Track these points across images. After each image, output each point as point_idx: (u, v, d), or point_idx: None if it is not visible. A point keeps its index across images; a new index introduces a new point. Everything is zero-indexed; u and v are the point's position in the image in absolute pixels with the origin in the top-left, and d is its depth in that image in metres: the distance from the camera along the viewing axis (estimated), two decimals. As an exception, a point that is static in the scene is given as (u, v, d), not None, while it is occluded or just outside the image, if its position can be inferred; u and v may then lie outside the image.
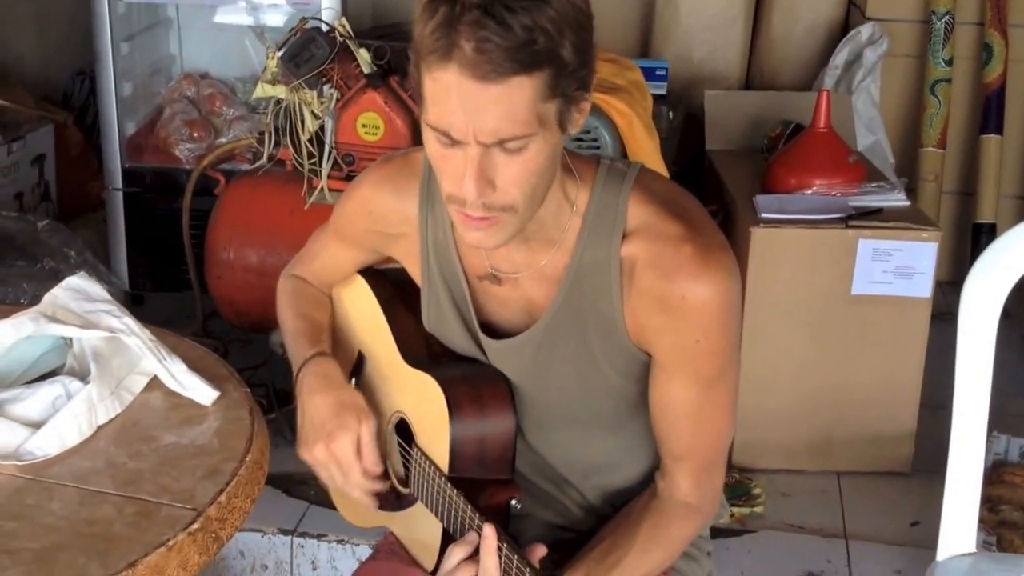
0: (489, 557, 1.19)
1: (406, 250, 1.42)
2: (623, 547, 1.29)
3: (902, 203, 2.48)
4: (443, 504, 1.31)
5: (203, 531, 1.23)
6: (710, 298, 1.22)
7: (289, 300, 1.54)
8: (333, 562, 2.21)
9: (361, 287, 1.52)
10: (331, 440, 1.35)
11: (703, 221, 1.27)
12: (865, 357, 2.43)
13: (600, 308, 1.28)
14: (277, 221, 2.58)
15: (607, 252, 1.26)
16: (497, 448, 1.33)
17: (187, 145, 3.07)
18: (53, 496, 1.27)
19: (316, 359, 1.43)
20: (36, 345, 1.48)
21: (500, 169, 1.15)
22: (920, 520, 2.34)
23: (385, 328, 1.47)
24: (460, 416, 1.31)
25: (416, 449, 1.38)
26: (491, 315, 1.38)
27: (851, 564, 2.19)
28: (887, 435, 2.48)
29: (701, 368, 1.26)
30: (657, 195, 1.27)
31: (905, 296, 2.38)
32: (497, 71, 1.09)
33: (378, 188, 1.41)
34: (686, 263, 1.22)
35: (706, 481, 1.33)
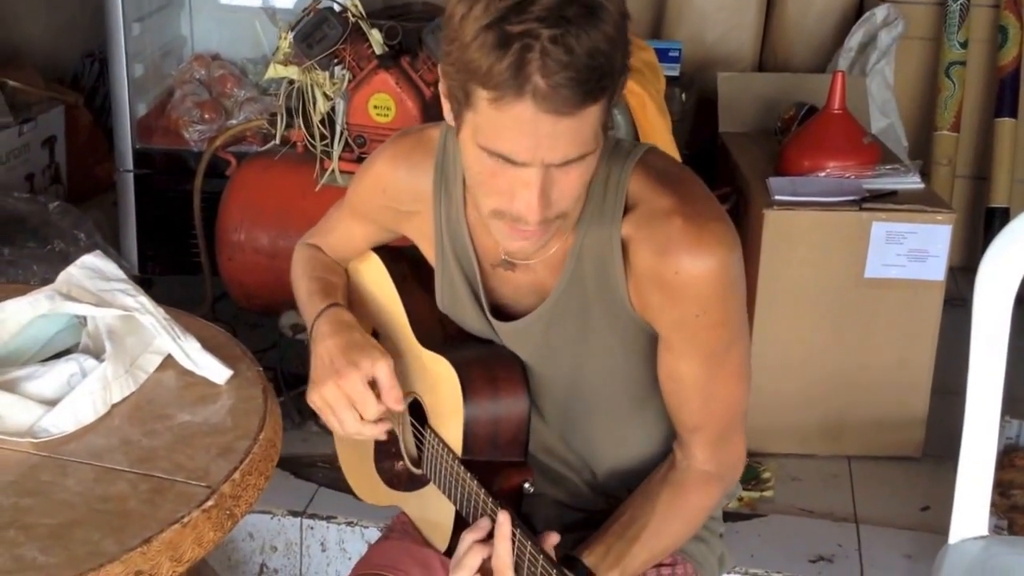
0: (503, 543, 1.19)
1: (419, 228, 1.42)
2: (642, 519, 1.29)
3: (916, 186, 2.47)
4: (456, 486, 1.31)
5: (217, 508, 1.23)
6: (704, 271, 1.21)
7: (303, 266, 1.54)
8: (342, 544, 2.21)
9: (376, 265, 1.52)
10: (340, 377, 1.31)
11: (696, 193, 1.25)
12: (877, 341, 2.42)
13: (605, 286, 1.28)
14: (288, 203, 2.57)
15: (609, 230, 1.25)
16: (511, 430, 1.33)
17: (198, 127, 3.06)
18: (68, 473, 1.27)
19: (330, 309, 1.41)
20: (51, 323, 1.49)
21: (557, 184, 1.15)
22: (931, 505, 2.33)
23: (399, 308, 1.47)
24: (474, 398, 1.31)
25: (429, 430, 1.37)
26: (503, 297, 1.37)
27: (861, 548, 2.18)
28: (898, 420, 2.47)
29: (705, 342, 1.25)
30: (656, 170, 1.26)
31: (918, 279, 2.36)
32: (572, 105, 1.09)
33: (393, 164, 1.40)
34: (677, 236, 1.21)
35: (723, 449, 1.33)
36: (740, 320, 1.28)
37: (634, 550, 1.26)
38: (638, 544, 1.27)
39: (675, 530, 1.32)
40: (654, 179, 1.25)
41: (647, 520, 1.29)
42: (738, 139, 2.94)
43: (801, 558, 2.12)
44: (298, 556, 2.24)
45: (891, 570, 2.12)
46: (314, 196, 2.53)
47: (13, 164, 3.25)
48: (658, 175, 1.26)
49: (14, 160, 3.25)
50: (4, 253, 2.86)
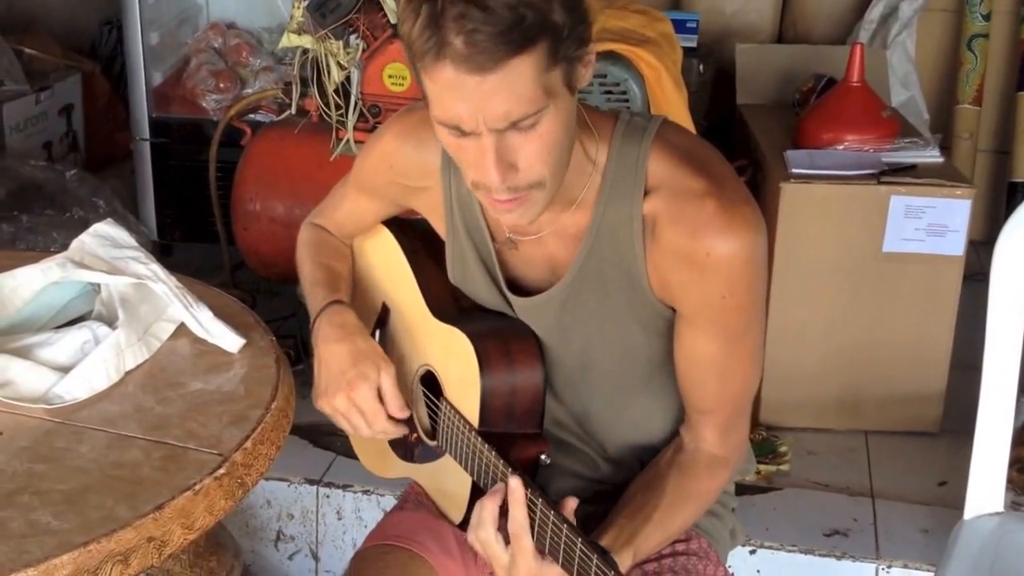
0: (518, 509, 1.19)
1: (429, 203, 1.41)
2: (652, 503, 1.29)
3: (936, 159, 2.44)
4: (473, 458, 1.30)
5: (229, 476, 1.23)
6: (735, 253, 1.21)
7: (308, 250, 1.54)
8: (358, 512, 2.22)
9: (386, 238, 1.51)
10: (352, 389, 1.34)
11: (726, 175, 1.25)
12: (895, 316, 2.40)
13: (623, 264, 1.27)
14: (304, 172, 2.56)
15: (629, 209, 1.25)
16: (526, 402, 1.33)
17: (213, 96, 3.06)
18: (82, 439, 1.28)
19: (332, 307, 1.42)
20: (64, 291, 1.49)
21: (519, 150, 1.14)
22: (948, 480, 2.32)
23: (411, 280, 1.46)
24: (490, 370, 1.31)
25: (445, 402, 1.37)
26: (516, 272, 1.37)
27: (877, 522, 2.17)
28: (916, 395, 2.45)
29: (727, 323, 1.25)
30: (678, 149, 1.25)
31: (937, 254, 2.34)
32: (492, 59, 1.07)
33: (400, 140, 1.39)
34: (710, 219, 1.20)
35: (732, 432, 1.33)
36: (761, 304, 1.28)
37: (647, 530, 1.27)
38: (651, 524, 1.27)
39: (687, 511, 1.32)
40: (678, 158, 1.24)
41: (658, 502, 1.29)
42: (756, 111, 2.91)
43: (816, 532, 2.11)
44: (314, 524, 2.24)
45: (907, 544, 2.11)
46: (329, 166, 2.52)
47: (30, 132, 3.25)
48: (681, 153, 1.25)
49: (31, 128, 3.26)
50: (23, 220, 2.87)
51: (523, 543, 1.19)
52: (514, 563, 1.20)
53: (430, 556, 1.36)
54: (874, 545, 2.10)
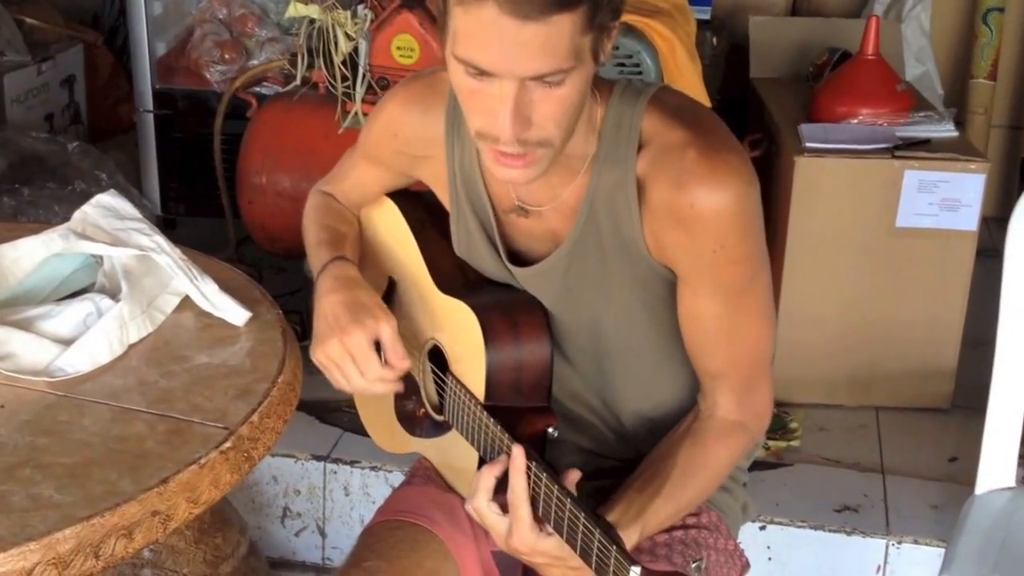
0: (518, 478, 1.17)
1: (433, 173, 1.39)
2: (664, 472, 1.25)
3: (950, 134, 2.41)
4: (479, 432, 1.28)
5: (235, 450, 1.21)
6: (721, 203, 1.17)
7: (314, 214, 1.51)
8: (366, 488, 2.20)
9: (391, 210, 1.49)
10: (344, 335, 1.29)
11: (710, 125, 1.22)
12: (908, 291, 2.38)
13: (620, 229, 1.24)
14: (310, 145, 2.53)
15: (623, 171, 1.22)
16: (533, 375, 1.30)
17: (218, 67, 3.02)
18: (85, 413, 1.26)
19: (335, 263, 1.39)
20: (66, 263, 1.46)
21: (537, 105, 1.12)
22: (959, 456, 2.30)
23: (416, 253, 1.44)
24: (496, 343, 1.28)
25: (451, 377, 1.35)
26: (518, 243, 1.35)
27: (887, 498, 2.16)
28: (928, 371, 2.44)
29: (724, 279, 1.22)
30: (670, 106, 1.22)
31: (951, 229, 2.32)
32: (539, 9, 1.05)
33: (404, 108, 1.37)
34: (691, 168, 1.17)
35: (749, 396, 1.29)
36: (760, 256, 1.24)
37: (656, 504, 1.23)
38: (660, 498, 1.23)
39: (698, 482, 1.28)
40: (667, 115, 1.22)
41: (669, 473, 1.25)
42: (770, 85, 2.88)
43: (826, 508, 2.10)
44: (321, 500, 2.23)
45: (917, 520, 2.09)
46: (337, 139, 2.49)
47: (32, 104, 3.22)
48: (671, 111, 1.22)
49: (33, 99, 3.23)
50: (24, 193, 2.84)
51: (520, 513, 1.17)
52: (511, 533, 1.18)
53: (440, 531, 1.35)
54: (884, 521, 2.09)
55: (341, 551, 2.26)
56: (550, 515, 1.15)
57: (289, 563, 2.28)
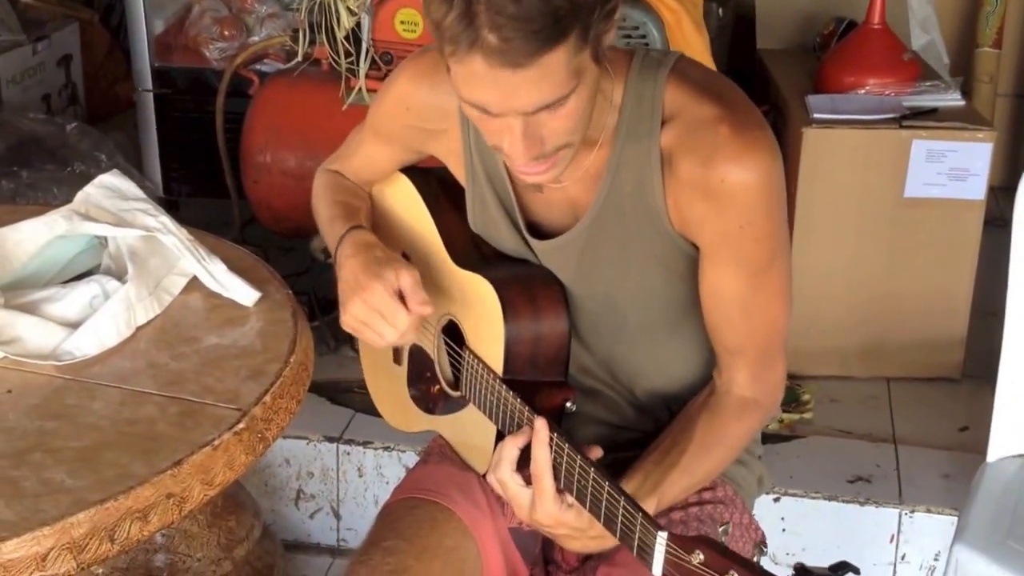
0: (541, 449, 1.17)
1: (447, 147, 1.37)
2: (681, 445, 1.26)
3: (957, 103, 2.39)
4: (498, 406, 1.27)
5: (249, 431, 1.20)
6: (751, 180, 1.17)
7: (324, 192, 1.50)
8: (379, 469, 2.19)
9: (404, 186, 1.47)
10: (365, 292, 1.27)
11: (739, 101, 1.22)
12: (917, 261, 2.37)
13: (642, 201, 1.24)
14: (315, 123, 2.51)
15: (646, 144, 1.21)
16: (551, 349, 1.29)
17: (218, 44, 2.98)
18: (94, 396, 1.25)
19: (351, 232, 1.37)
20: (71, 245, 1.45)
21: (545, 124, 1.13)
22: (969, 425, 2.29)
23: (432, 228, 1.42)
24: (514, 317, 1.27)
25: (468, 351, 1.33)
26: (536, 215, 1.33)
27: (900, 468, 2.15)
28: (937, 341, 2.42)
29: (748, 255, 1.21)
30: (693, 80, 1.22)
31: (959, 199, 2.30)
32: (525, 55, 1.05)
33: (416, 82, 1.35)
34: (723, 145, 1.17)
35: (765, 373, 1.29)
36: (783, 234, 1.24)
37: (672, 476, 1.24)
38: (676, 470, 1.24)
39: (714, 456, 1.29)
40: (693, 88, 1.21)
41: (685, 446, 1.26)
42: (776, 56, 2.85)
43: (840, 478, 2.09)
44: (335, 481, 2.21)
45: (929, 490, 2.09)
46: (341, 116, 2.47)
47: (28, 84, 3.19)
48: (696, 84, 1.22)
49: (29, 80, 3.19)
50: (23, 176, 2.81)
51: (544, 484, 1.17)
52: (534, 505, 1.18)
53: (457, 508, 1.34)
54: (897, 491, 2.08)
55: (356, 532, 2.25)
56: (572, 485, 1.15)
57: (304, 545, 2.27)
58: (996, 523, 1.57)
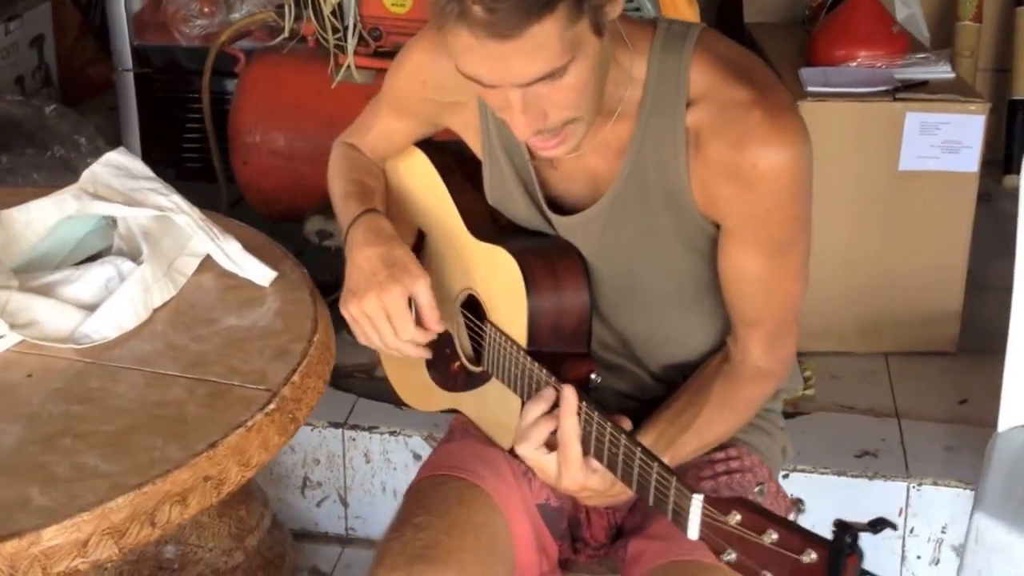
0: (569, 418, 1.16)
1: (464, 120, 1.35)
2: (695, 409, 1.28)
3: (947, 75, 2.39)
4: (522, 378, 1.26)
5: (280, 412, 1.19)
6: (782, 164, 1.16)
7: (339, 167, 1.47)
8: (386, 454, 2.16)
9: (420, 160, 1.44)
10: (383, 291, 1.27)
11: (770, 82, 1.21)
12: (911, 235, 2.36)
13: (666, 179, 1.23)
14: (304, 101, 2.47)
15: (672, 121, 1.20)
16: (573, 321, 1.29)
17: (198, 22, 2.91)
18: (118, 379, 1.22)
19: (366, 215, 1.36)
20: (79, 225, 1.41)
21: (546, 99, 1.12)
22: (968, 398, 2.31)
23: (449, 202, 1.40)
24: (536, 288, 1.26)
25: (489, 325, 1.32)
26: (555, 188, 1.32)
27: (904, 442, 2.16)
28: (933, 314, 2.42)
29: (773, 236, 1.21)
30: (721, 57, 1.20)
31: (952, 171, 2.30)
32: (513, 27, 1.04)
33: (433, 54, 1.33)
34: (756, 129, 1.16)
35: (778, 345, 1.30)
36: (808, 215, 1.24)
37: (685, 437, 1.26)
38: (689, 432, 1.26)
39: (726, 421, 1.31)
40: (722, 66, 1.20)
41: (699, 410, 1.28)
42: (765, 29, 2.84)
43: (847, 453, 2.10)
44: (341, 468, 2.18)
45: (935, 462, 2.10)
46: (331, 93, 2.44)
47: (1, 65, 3.11)
48: (725, 62, 1.20)
49: (1, 61, 3.11)
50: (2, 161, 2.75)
51: (571, 452, 1.16)
52: (560, 472, 1.18)
53: (485, 483, 1.33)
54: (903, 464, 2.09)
55: (364, 520, 2.22)
56: (603, 453, 1.15)
57: (312, 534, 2.23)
58: (1011, 491, 1.59)
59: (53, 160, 2.79)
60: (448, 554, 1.23)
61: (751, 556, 0.98)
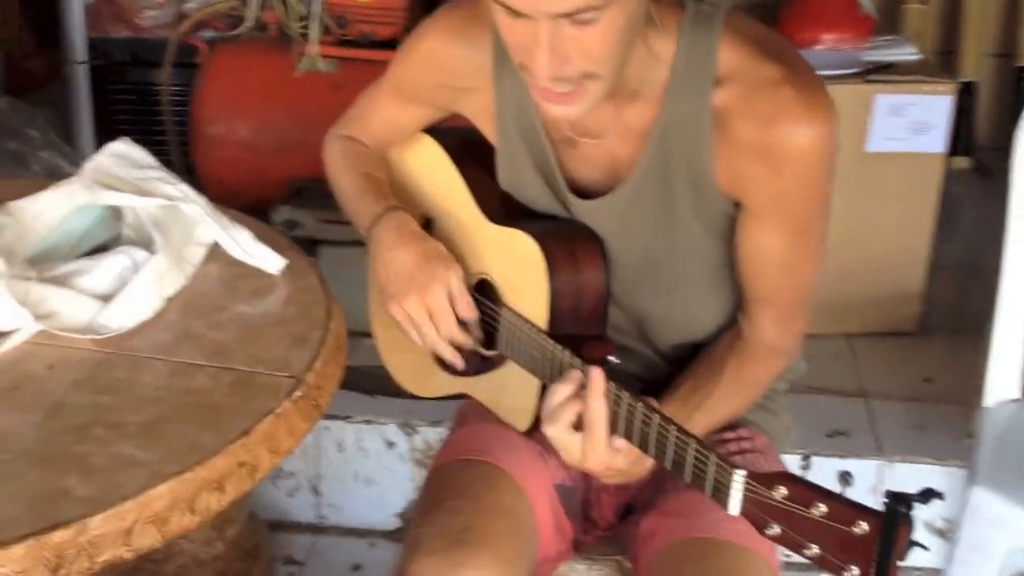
0: (596, 400, 1.16)
1: (477, 105, 1.35)
2: (708, 387, 1.30)
3: (913, 56, 2.45)
4: (543, 360, 1.26)
5: (305, 399, 1.18)
6: (812, 141, 1.17)
7: (344, 162, 1.46)
8: (360, 443, 2.16)
9: (430, 146, 1.44)
10: (424, 291, 1.30)
11: (798, 60, 1.21)
12: (878, 216, 2.41)
13: (691, 161, 1.23)
14: (269, 91, 2.46)
15: (699, 103, 1.20)
16: (591, 302, 1.30)
17: (151, 12, 2.88)
18: (141, 368, 1.20)
19: (389, 213, 1.36)
20: (85, 217, 1.38)
21: (573, 43, 1.10)
22: (933, 376, 2.37)
23: (462, 187, 1.40)
24: (557, 270, 1.27)
25: (506, 308, 1.32)
26: (573, 172, 1.32)
27: (874, 421, 2.21)
28: (897, 295, 2.49)
29: (796, 214, 1.22)
30: (749, 37, 1.20)
31: (920, 152, 2.35)
32: None
33: (448, 39, 1.33)
34: (786, 106, 1.16)
35: (789, 324, 1.32)
36: (829, 196, 1.25)
37: (696, 416, 1.27)
38: (701, 411, 1.28)
39: (739, 399, 1.33)
40: (751, 47, 1.19)
41: (712, 388, 1.29)
42: (729, 15, 2.87)
43: (819, 433, 2.14)
44: (315, 458, 2.17)
45: (905, 440, 2.15)
46: (295, 83, 2.42)
47: (-61, 59, 3.03)
48: (754, 42, 1.20)
49: (-59, 54, 3.03)
50: (-47, 157, 2.68)
51: (598, 432, 1.17)
52: (585, 452, 1.19)
53: (507, 466, 1.33)
54: (875, 442, 2.14)
55: (337, 508, 2.22)
56: (632, 431, 1.16)
57: (284, 524, 2.22)
58: (1005, 465, 1.64)
59: (6, 154, 2.72)
60: (484, 537, 1.23)
61: (797, 530, 0.99)
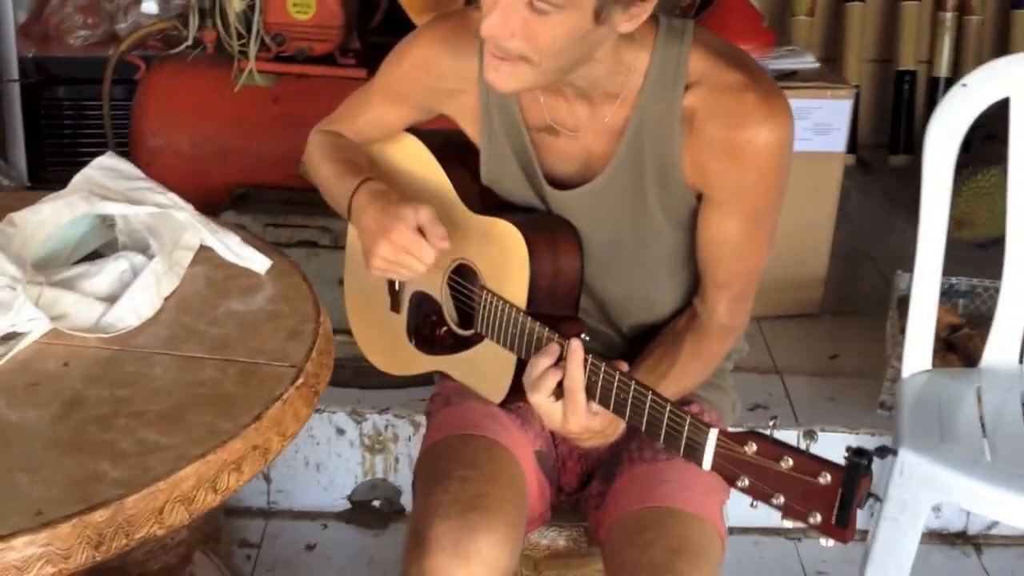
0: (576, 368, 1.28)
1: (462, 105, 1.47)
2: (670, 359, 1.43)
3: (813, 65, 2.66)
4: (522, 337, 1.38)
5: (306, 386, 1.28)
6: (774, 140, 1.32)
7: (324, 152, 1.56)
8: (310, 430, 2.23)
9: (413, 143, 1.56)
10: (390, 233, 1.37)
11: (759, 69, 1.36)
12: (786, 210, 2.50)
13: (660, 156, 1.37)
14: (207, 105, 2.54)
15: (670, 104, 1.35)
16: (566, 285, 1.43)
17: (82, 32, 2.95)
18: (151, 363, 1.29)
19: (364, 184, 1.46)
20: (77, 226, 1.48)
21: (523, 23, 1.23)
22: (839, 353, 2.58)
23: (444, 179, 1.51)
24: (538, 255, 1.39)
25: (486, 290, 1.43)
26: (551, 166, 1.45)
27: (789, 395, 2.41)
28: (801, 280, 2.69)
29: (754, 203, 1.37)
30: (714, 47, 1.36)
31: (823, 151, 2.56)
32: None
33: (435, 48, 1.45)
34: (750, 110, 1.31)
35: (741, 305, 1.46)
36: (785, 188, 1.40)
37: (662, 384, 1.37)
38: (666, 380, 1.40)
39: (696, 373, 1.47)
40: (716, 56, 1.34)
41: (674, 360, 1.43)
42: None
43: (742, 407, 2.30)
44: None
45: (819, 411, 2.35)
46: (233, 97, 2.51)
47: None
48: (718, 52, 1.35)
49: None
50: None
51: (578, 399, 1.29)
52: (566, 417, 1.31)
53: (501, 438, 1.44)
54: (792, 414, 2.33)
55: (286, 494, 2.32)
56: (610, 397, 1.28)
57: (236, 509, 2.31)
58: (927, 428, 1.79)
59: (-61, 172, 2.76)
60: (496, 503, 1.34)
61: (765, 481, 1.12)
